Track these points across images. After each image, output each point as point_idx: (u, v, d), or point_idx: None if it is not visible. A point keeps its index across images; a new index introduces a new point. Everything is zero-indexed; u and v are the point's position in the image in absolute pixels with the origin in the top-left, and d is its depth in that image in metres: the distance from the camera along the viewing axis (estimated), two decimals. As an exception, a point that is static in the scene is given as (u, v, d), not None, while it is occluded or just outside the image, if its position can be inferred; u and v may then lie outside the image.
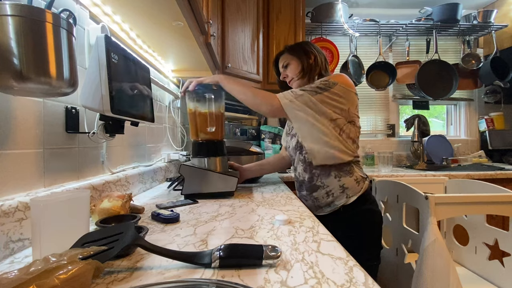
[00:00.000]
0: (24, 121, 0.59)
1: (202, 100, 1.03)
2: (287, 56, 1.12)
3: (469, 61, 2.48)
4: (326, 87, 0.96)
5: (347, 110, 0.99)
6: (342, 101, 0.97)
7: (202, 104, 1.04)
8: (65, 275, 0.33)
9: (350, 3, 2.43)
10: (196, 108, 1.04)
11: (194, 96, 1.04)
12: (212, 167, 1.01)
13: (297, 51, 1.10)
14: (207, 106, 1.03)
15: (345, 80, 0.99)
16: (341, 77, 0.99)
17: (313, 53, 1.08)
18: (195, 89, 1.01)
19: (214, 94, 1.02)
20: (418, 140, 2.23)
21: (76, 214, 0.49)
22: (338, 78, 0.98)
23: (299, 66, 1.08)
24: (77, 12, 0.76)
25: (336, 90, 0.96)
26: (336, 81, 0.97)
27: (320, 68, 1.08)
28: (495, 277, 1.09)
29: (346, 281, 0.40)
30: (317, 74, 1.08)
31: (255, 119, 2.17)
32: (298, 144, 1.06)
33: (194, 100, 1.05)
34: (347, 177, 0.99)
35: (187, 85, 1.02)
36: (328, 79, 0.98)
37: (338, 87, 0.96)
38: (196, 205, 0.88)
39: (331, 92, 0.96)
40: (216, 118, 1.04)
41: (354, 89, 1.01)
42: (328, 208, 1.02)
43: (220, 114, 1.07)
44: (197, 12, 0.95)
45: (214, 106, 1.03)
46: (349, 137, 1.00)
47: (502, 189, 1.10)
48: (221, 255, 0.43)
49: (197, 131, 1.05)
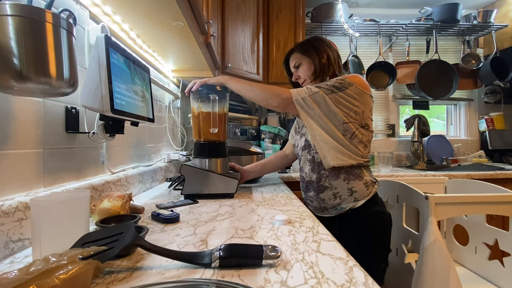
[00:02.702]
0: (24, 121, 0.59)
1: (206, 101, 1.03)
2: (298, 56, 1.07)
3: (469, 61, 2.48)
4: (342, 86, 0.93)
5: (361, 113, 0.95)
6: (357, 103, 0.94)
7: (205, 104, 1.03)
8: (65, 275, 0.33)
9: (350, 3, 2.43)
10: (200, 108, 1.04)
11: (198, 96, 1.04)
12: (213, 168, 1.01)
13: (308, 50, 1.05)
14: (210, 107, 1.02)
15: (361, 82, 0.96)
16: (357, 78, 0.96)
17: (325, 51, 1.04)
18: (199, 89, 1.01)
19: (218, 95, 1.02)
20: (418, 140, 2.23)
21: (76, 214, 0.49)
22: (354, 79, 0.95)
23: (312, 67, 1.04)
24: (77, 12, 0.76)
25: (351, 91, 0.93)
26: (352, 81, 0.94)
27: (333, 67, 1.04)
28: (495, 277, 1.09)
29: (346, 281, 0.40)
30: (331, 74, 1.04)
31: (255, 119, 2.17)
32: (307, 143, 1.03)
33: (198, 100, 1.04)
34: (357, 180, 0.96)
35: (191, 86, 1.01)
36: (345, 78, 0.94)
37: (353, 88, 0.93)
38: (196, 205, 0.88)
39: (346, 93, 0.93)
40: (219, 119, 1.04)
41: (369, 91, 0.98)
42: (334, 211, 0.99)
43: (223, 116, 1.07)
44: (197, 12, 0.95)
45: (218, 107, 1.03)
46: (361, 141, 0.96)
47: (502, 189, 1.10)
48: (221, 255, 0.43)
49: (199, 132, 1.05)
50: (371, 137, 1.01)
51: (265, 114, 2.41)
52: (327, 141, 0.95)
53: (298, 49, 1.08)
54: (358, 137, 0.96)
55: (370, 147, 1.02)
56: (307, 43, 1.08)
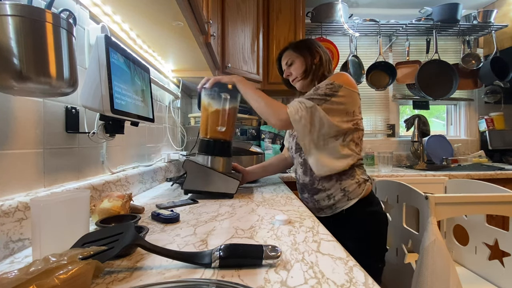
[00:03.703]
0: (24, 121, 0.59)
1: (217, 98, 1.03)
2: (291, 54, 1.08)
3: (469, 61, 2.48)
4: (332, 92, 0.94)
5: (351, 113, 0.97)
6: (347, 104, 0.95)
7: (216, 102, 1.03)
8: (65, 275, 0.33)
9: (350, 3, 2.43)
10: (210, 105, 1.04)
11: (210, 93, 1.04)
12: (215, 166, 1.01)
13: (302, 49, 1.07)
14: (221, 105, 1.02)
15: (348, 80, 0.97)
16: (343, 77, 0.97)
17: (318, 52, 1.06)
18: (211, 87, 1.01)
19: (230, 94, 1.02)
20: (418, 140, 2.23)
21: (76, 214, 0.49)
22: (340, 79, 0.96)
23: (303, 66, 1.06)
24: (77, 12, 0.76)
25: (342, 93, 0.94)
26: (340, 83, 0.95)
27: (324, 68, 1.06)
28: (495, 277, 1.09)
29: (346, 281, 0.40)
30: (321, 75, 1.06)
31: (255, 119, 2.17)
32: (298, 146, 1.05)
33: (209, 97, 1.04)
34: (348, 180, 0.98)
35: (205, 82, 1.02)
36: (333, 81, 0.95)
37: (343, 90, 0.94)
38: (196, 205, 0.88)
39: (338, 96, 0.94)
40: (228, 118, 1.04)
41: (356, 89, 0.99)
42: (329, 211, 1.01)
43: (232, 115, 1.07)
44: (197, 12, 0.95)
45: (228, 106, 1.03)
46: (352, 140, 0.99)
47: (502, 189, 1.10)
48: (221, 255, 0.43)
49: (207, 129, 1.05)
50: (362, 135, 1.03)
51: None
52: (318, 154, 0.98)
53: (291, 47, 1.10)
54: (350, 137, 0.98)
55: (362, 145, 1.04)
56: (301, 43, 1.11)
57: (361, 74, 2.41)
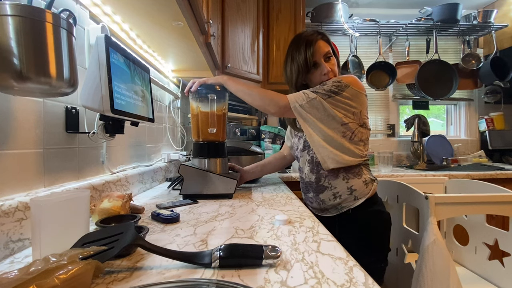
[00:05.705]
0: (24, 121, 0.59)
1: (205, 101, 1.03)
2: (328, 46, 1.02)
3: (469, 61, 2.48)
4: (338, 90, 0.93)
5: (358, 113, 0.96)
6: (354, 104, 0.94)
7: (204, 104, 1.03)
8: (65, 275, 0.33)
9: (350, 3, 2.43)
10: (198, 108, 1.04)
11: (197, 96, 1.04)
12: (212, 169, 1.01)
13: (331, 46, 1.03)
14: (209, 107, 1.02)
15: (356, 82, 0.96)
16: (352, 79, 0.96)
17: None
18: (198, 89, 1.01)
19: (217, 95, 1.02)
20: (418, 140, 2.23)
21: (76, 214, 0.49)
22: (349, 80, 0.95)
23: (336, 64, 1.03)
24: (77, 12, 0.76)
25: (348, 93, 0.93)
26: (348, 83, 0.94)
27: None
28: (495, 277, 1.09)
29: (346, 281, 0.40)
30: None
31: (255, 119, 2.17)
32: (306, 144, 1.03)
33: (197, 100, 1.04)
34: (356, 178, 0.96)
35: (191, 85, 1.01)
36: (340, 80, 0.94)
37: (350, 90, 0.94)
38: (196, 205, 0.88)
39: (343, 95, 0.93)
40: (218, 120, 1.04)
41: (364, 91, 0.98)
42: (335, 210, 1.00)
43: (222, 116, 1.07)
44: (197, 12, 0.95)
45: (217, 107, 1.03)
46: (360, 139, 0.97)
47: (502, 189, 1.10)
48: (221, 255, 0.43)
49: (198, 132, 1.05)
50: (369, 135, 1.02)
51: (265, 114, 2.41)
52: (325, 147, 0.96)
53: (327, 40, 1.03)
54: (358, 136, 0.97)
55: (369, 145, 1.03)
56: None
57: (361, 74, 2.41)
